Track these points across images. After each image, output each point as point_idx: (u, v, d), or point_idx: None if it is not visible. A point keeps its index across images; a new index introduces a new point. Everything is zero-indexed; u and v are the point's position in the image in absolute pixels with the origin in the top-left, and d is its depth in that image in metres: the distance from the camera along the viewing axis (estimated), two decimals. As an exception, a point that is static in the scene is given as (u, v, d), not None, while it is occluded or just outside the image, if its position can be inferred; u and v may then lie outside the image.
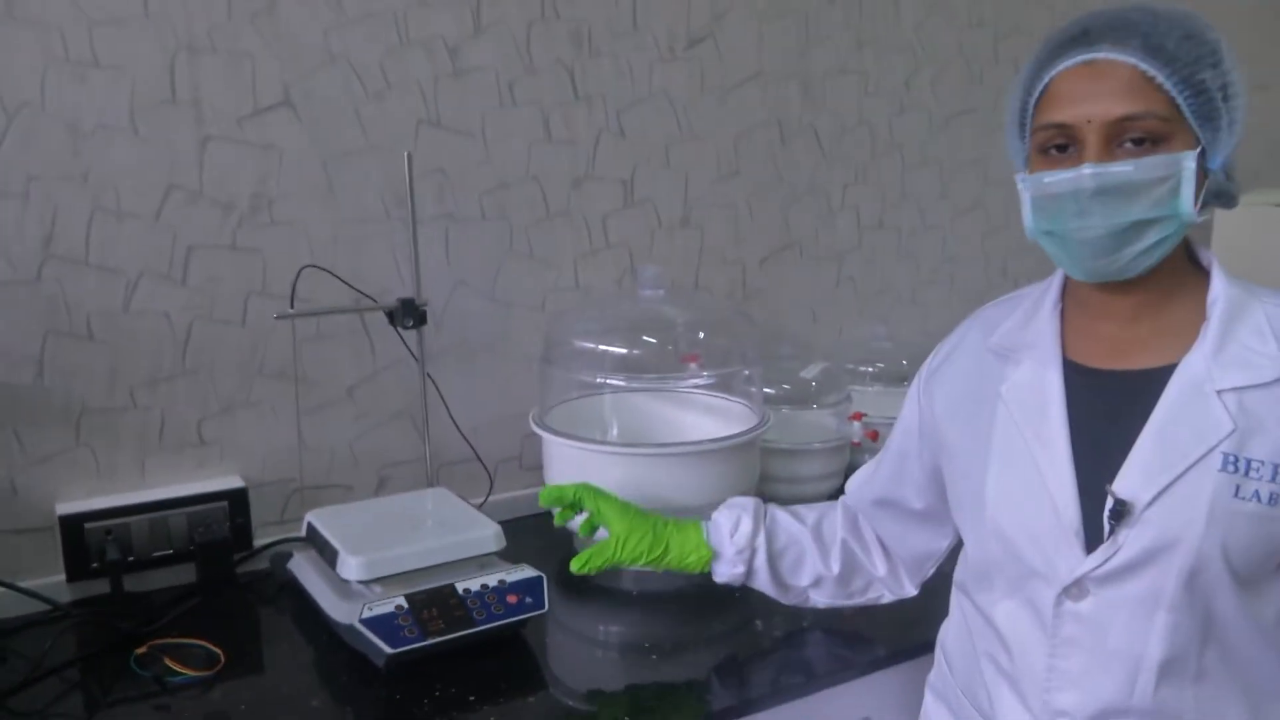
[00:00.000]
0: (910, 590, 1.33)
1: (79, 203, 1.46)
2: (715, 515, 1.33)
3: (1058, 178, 0.94)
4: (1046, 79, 0.96)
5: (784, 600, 1.35)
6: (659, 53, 1.88)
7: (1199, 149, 0.92)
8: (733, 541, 1.30)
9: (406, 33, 1.64)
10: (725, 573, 1.31)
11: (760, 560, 1.29)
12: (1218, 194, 0.97)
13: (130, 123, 1.47)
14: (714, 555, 1.31)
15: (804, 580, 1.32)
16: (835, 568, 1.31)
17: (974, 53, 2.26)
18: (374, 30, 1.62)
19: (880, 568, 1.32)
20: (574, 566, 1.31)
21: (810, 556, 1.31)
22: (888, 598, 1.34)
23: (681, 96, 1.92)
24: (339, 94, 1.60)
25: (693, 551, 1.31)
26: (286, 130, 1.57)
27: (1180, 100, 0.91)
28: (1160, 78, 0.91)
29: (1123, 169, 0.91)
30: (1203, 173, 0.94)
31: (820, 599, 1.34)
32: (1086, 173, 0.92)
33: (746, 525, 1.30)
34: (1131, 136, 0.92)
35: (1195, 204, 0.93)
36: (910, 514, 1.25)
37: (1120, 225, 0.92)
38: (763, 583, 1.32)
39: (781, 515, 1.34)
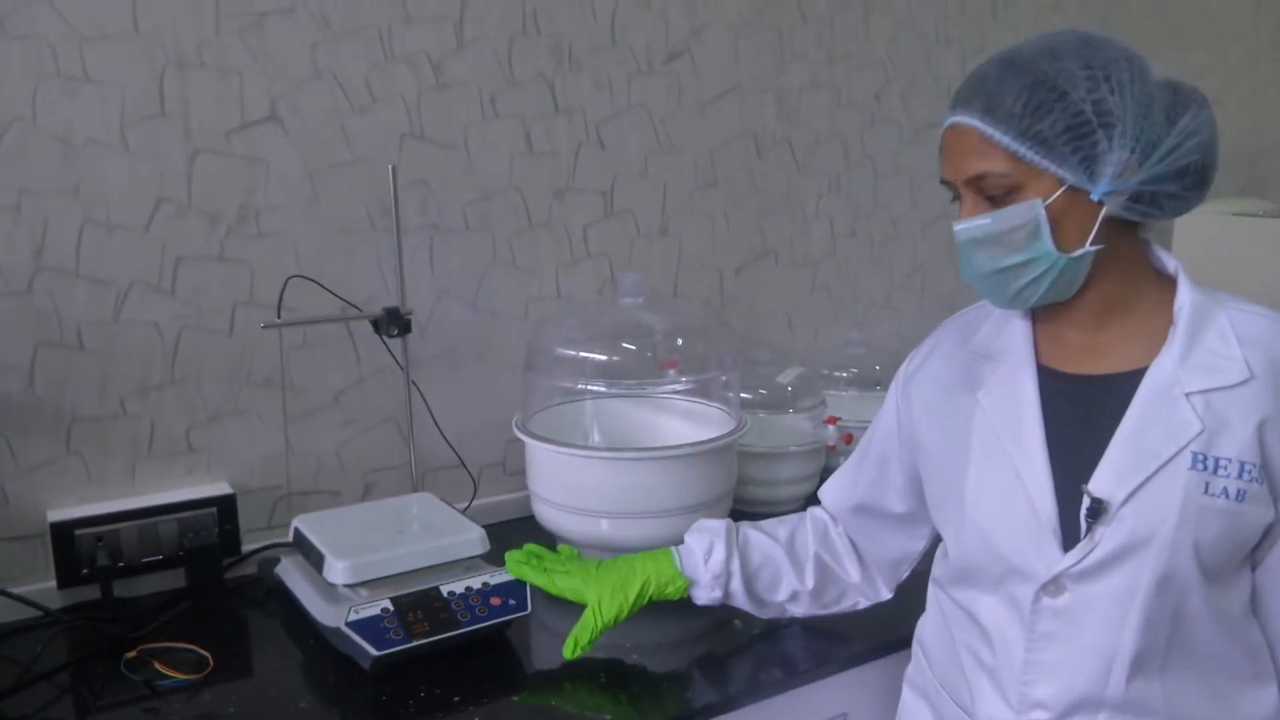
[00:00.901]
0: (885, 594, 1.36)
1: (70, 215, 1.48)
2: (687, 540, 1.34)
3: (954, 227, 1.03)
4: (941, 135, 1.05)
5: (761, 615, 1.37)
6: (637, 67, 1.92)
7: (1062, 189, 0.96)
8: (707, 568, 1.31)
9: (391, 48, 1.67)
10: (704, 597, 1.33)
11: (736, 584, 1.31)
12: (1136, 209, 0.98)
13: (120, 136, 1.49)
14: (690, 583, 1.32)
15: (780, 596, 1.34)
16: (810, 582, 1.33)
17: (942, 68, 2.32)
18: (359, 46, 1.65)
19: (853, 574, 1.34)
20: (567, 653, 1.29)
21: (785, 573, 1.33)
22: (863, 604, 1.36)
23: (660, 110, 1.96)
24: (325, 108, 1.63)
25: (670, 583, 1.32)
26: (273, 143, 1.60)
27: (1023, 152, 0.96)
28: (996, 136, 0.96)
29: (980, 223, 0.99)
30: (1088, 204, 0.97)
31: (797, 610, 1.36)
32: (957, 229, 1.01)
33: (720, 551, 1.30)
34: (987, 192, 0.99)
35: (1087, 237, 0.97)
36: (891, 518, 1.27)
37: (991, 270, 1.01)
38: (740, 602, 1.34)
39: (754, 534, 1.34)
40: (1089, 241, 0.98)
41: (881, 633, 1.42)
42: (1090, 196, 0.97)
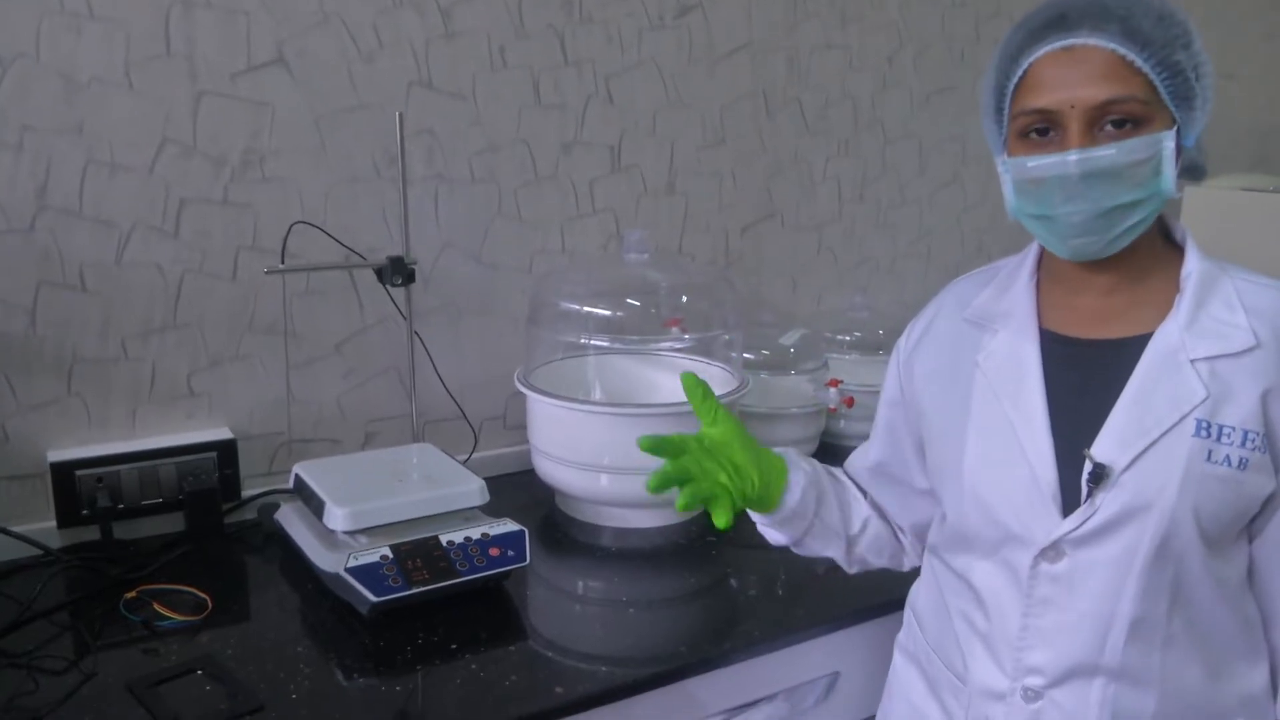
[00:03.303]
0: (917, 559, 1.27)
1: (73, 154, 1.46)
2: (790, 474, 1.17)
3: (1042, 162, 0.96)
4: (1026, 64, 0.96)
5: (820, 548, 1.22)
6: (649, 21, 1.89)
7: (1175, 128, 0.95)
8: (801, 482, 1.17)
9: (400, -6, 1.65)
10: (792, 503, 1.15)
11: (822, 506, 1.19)
12: (1189, 168, 1.00)
13: (125, 76, 1.48)
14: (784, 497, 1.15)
15: (854, 528, 1.23)
16: (875, 519, 1.25)
17: (956, 33, 2.29)
18: (368, -10, 1.63)
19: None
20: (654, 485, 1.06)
21: (858, 501, 1.24)
22: (908, 565, 1.29)
23: (670, 65, 1.93)
24: (332, 53, 1.61)
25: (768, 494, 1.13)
26: (279, 87, 1.58)
27: (1158, 82, 0.93)
28: (1139, 61, 0.92)
29: (1106, 153, 0.93)
30: (1178, 150, 0.96)
31: (860, 545, 1.24)
32: (1072, 159, 0.93)
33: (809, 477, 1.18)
34: (1112, 119, 0.93)
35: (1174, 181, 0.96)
36: (911, 488, 1.23)
37: (1107, 207, 0.95)
38: (815, 527, 1.19)
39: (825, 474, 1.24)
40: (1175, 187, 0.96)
41: (874, 594, 1.43)
42: (1185, 143, 0.96)
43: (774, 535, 1.22)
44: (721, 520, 1.05)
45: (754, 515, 1.19)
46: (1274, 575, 1.02)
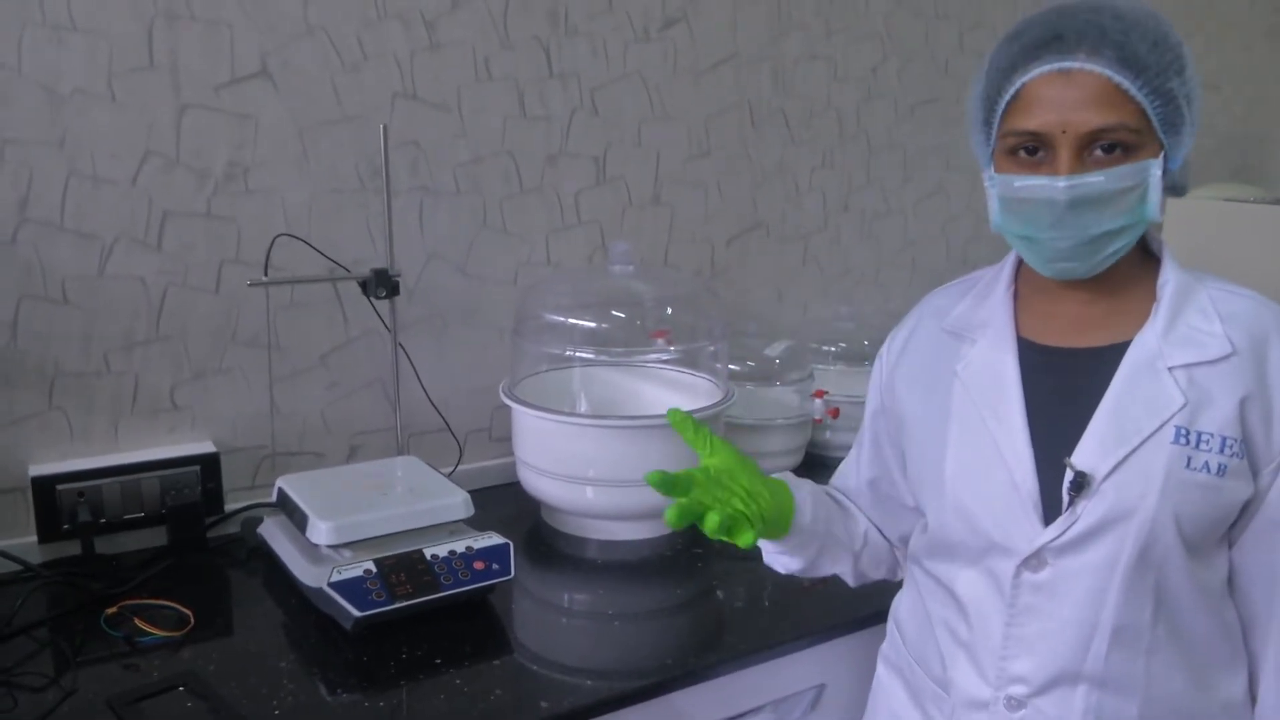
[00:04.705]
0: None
1: (55, 166, 1.46)
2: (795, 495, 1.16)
3: (1030, 184, 0.96)
4: (1019, 82, 0.96)
5: (829, 567, 1.21)
6: (634, 33, 1.90)
7: (1162, 154, 0.95)
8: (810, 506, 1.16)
9: (384, 5, 1.65)
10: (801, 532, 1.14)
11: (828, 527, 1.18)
12: (1171, 187, 1.00)
13: (108, 88, 1.47)
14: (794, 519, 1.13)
15: (857, 544, 1.22)
16: (873, 533, 1.24)
17: (939, 44, 2.30)
18: (351, 2, 1.62)
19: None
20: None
21: (858, 515, 1.24)
22: (901, 574, 1.27)
23: (655, 77, 1.94)
24: (316, 65, 1.61)
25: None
26: (263, 99, 1.58)
27: (1150, 109, 0.93)
28: (1132, 89, 0.92)
29: (1095, 180, 0.93)
30: (1161, 173, 0.96)
31: (867, 557, 1.23)
32: (1061, 185, 0.93)
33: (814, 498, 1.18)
34: (1102, 145, 0.93)
35: (1159, 206, 0.96)
36: (899, 502, 1.22)
37: (1094, 234, 0.95)
38: (824, 546, 1.18)
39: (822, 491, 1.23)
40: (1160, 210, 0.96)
41: (860, 606, 1.43)
42: (1171, 165, 0.96)
43: (786, 562, 1.18)
44: (746, 540, 1.03)
45: (765, 544, 1.16)
46: (1253, 581, 1.02)
